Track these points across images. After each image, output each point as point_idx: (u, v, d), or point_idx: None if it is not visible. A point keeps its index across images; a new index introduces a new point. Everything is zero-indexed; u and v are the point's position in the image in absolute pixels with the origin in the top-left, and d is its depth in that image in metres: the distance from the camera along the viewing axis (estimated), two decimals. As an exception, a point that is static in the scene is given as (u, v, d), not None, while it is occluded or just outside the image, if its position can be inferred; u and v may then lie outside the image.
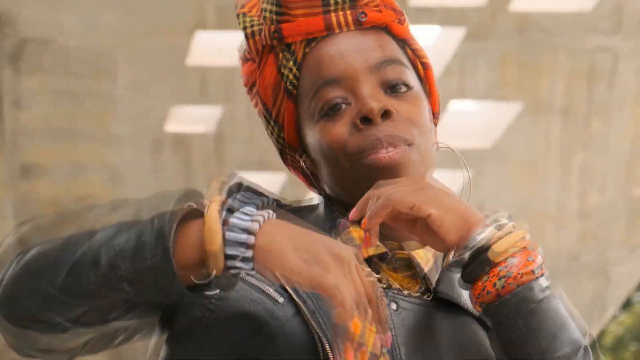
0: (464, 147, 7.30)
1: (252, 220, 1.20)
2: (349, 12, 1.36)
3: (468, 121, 7.43)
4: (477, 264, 1.23)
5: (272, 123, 1.41)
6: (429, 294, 1.33)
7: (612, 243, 8.37)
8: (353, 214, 1.28)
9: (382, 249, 1.32)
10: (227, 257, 1.19)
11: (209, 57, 7.06)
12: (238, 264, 1.19)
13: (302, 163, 1.40)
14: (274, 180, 8.13)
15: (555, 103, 7.38)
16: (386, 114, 1.32)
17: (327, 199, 1.39)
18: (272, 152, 1.51)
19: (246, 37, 1.39)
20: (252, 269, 1.19)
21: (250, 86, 1.43)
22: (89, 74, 7.01)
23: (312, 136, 1.36)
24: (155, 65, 7.03)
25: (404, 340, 1.27)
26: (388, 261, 1.32)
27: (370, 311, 1.18)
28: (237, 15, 1.40)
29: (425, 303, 1.31)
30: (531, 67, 7.09)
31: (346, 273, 1.18)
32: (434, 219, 1.23)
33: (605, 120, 7.51)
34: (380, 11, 1.38)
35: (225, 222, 1.21)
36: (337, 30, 1.35)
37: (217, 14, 6.70)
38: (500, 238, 1.24)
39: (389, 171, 1.30)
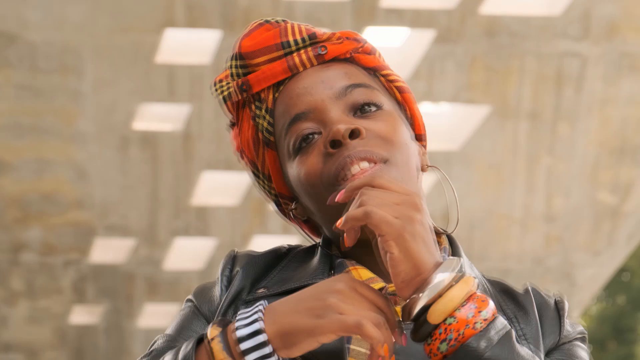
0: (430, 149, 7.31)
1: (252, 322, 1.22)
2: (309, 49, 1.37)
3: (435, 123, 7.44)
4: (419, 326, 1.22)
5: (260, 176, 1.41)
6: None
7: (576, 247, 8.41)
8: (337, 197, 1.26)
9: (381, 283, 1.32)
10: None
11: (177, 55, 7.03)
12: None
13: (291, 212, 1.39)
14: (240, 179, 8.11)
15: (523, 107, 7.41)
16: (354, 133, 1.32)
17: (326, 239, 1.39)
18: (239, 151, 1.49)
19: (224, 102, 1.40)
20: (279, 358, 1.22)
21: (240, 151, 1.44)
22: (55, 69, 6.96)
23: (292, 175, 1.36)
24: (122, 62, 6.99)
25: None
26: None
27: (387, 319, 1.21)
28: (211, 86, 1.42)
29: None
30: (499, 71, 7.11)
31: (353, 301, 1.20)
32: (392, 260, 1.22)
33: (571, 125, 7.54)
34: (341, 43, 1.38)
35: (229, 333, 1.23)
36: (300, 69, 1.36)
37: (186, 12, 6.67)
38: (440, 295, 1.22)
39: None
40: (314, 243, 1.41)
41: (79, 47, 6.85)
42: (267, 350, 1.20)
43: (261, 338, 1.20)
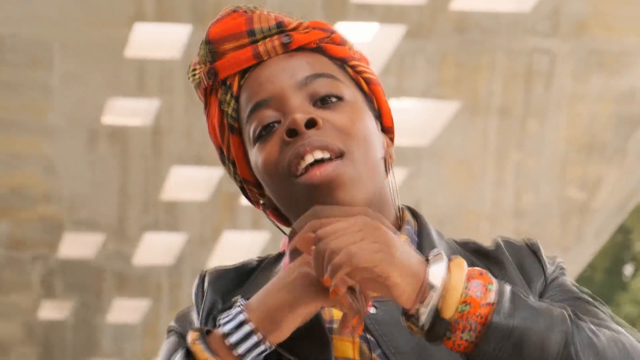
0: (401, 145, 7.33)
1: (235, 315, 1.24)
2: (275, 38, 1.37)
3: (406, 119, 7.46)
4: (435, 328, 1.22)
5: (227, 162, 1.42)
6: None
7: (545, 242, 8.44)
8: (292, 244, 1.25)
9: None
10: (243, 355, 1.23)
11: (147, 50, 7.01)
12: (255, 352, 1.23)
13: (261, 206, 1.39)
14: (210, 174, 8.09)
15: (493, 103, 7.44)
16: (311, 123, 1.31)
17: (293, 229, 1.37)
18: (210, 146, 1.50)
19: (196, 89, 1.42)
20: (270, 346, 1.24)
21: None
22: (24, 63, 6.92)
23: (253, 162, 1.37)
24: (92, 56, 6.95)
25: (389, 337, 1.28)
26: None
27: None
28: (187, 71, 1.43)
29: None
30: (469, 67, 7.13)
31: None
32: (393, 284, 1.21)
33: (541, 121, 7.58)
34: (307, 32, 1.38)
35: (212, 334, 1.24)
36: (265, 57, 1.37)
37: (156, 6, 6.65)
38: (446, 291, 1.22)
39: (325, 188, 1.29)
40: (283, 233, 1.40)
41: (49, 40, 6.81)
42: (255, 339, 1.21)
43: (247, 328, 1.21)
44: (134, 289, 9.31)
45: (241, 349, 1.21)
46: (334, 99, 1.34)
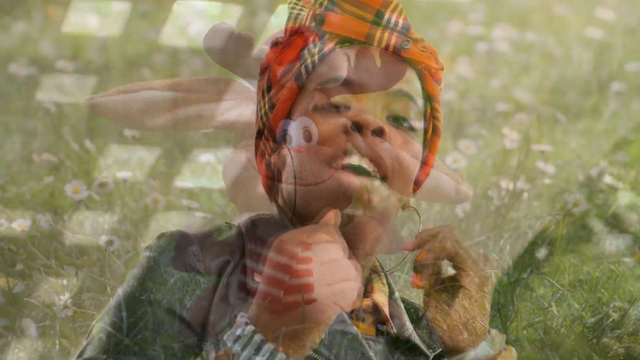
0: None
1: (250, 336, 1.18)
2: (395, 35, 1.35)
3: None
4: None
5: (266, 99, 1.38)
6: (383, 334, 1.33)
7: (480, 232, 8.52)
8: (410, 244, 1.27)
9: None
10: None
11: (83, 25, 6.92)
12: None
13: (273, 158, 1.36)
14: (147, 155, 8.01)
15: (428, 91, 7.49)
16: (379, 132, 1.30)
17: (280, 206, 1.36)
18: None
19: (289, 18, 1.38)
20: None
21: (265, 68, 1.40)
22: None
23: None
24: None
25: None
26: (357, 314, 1.32)
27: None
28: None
29: (384, 344, 1.32)
30: (406, 54, 7.15)
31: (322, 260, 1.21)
32: (464, 276, 1.25)
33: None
34: (423, 53, 1.37)
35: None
36: (375, 44, 1.35)
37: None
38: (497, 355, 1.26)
39: (349, 196, 1.27)
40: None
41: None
42: (268, 347, 1.15)
43: (259, 337, 1.15)
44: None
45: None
46: (406, 125, 1.33)
